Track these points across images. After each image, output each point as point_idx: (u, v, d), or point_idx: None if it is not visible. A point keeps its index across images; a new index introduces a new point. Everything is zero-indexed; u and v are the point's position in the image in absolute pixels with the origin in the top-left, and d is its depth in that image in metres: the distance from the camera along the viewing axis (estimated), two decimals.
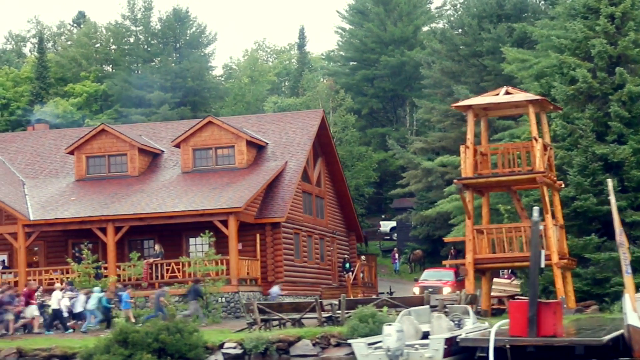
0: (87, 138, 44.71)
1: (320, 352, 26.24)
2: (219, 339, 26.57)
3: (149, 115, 76.06)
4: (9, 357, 26.92)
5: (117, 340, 24.87)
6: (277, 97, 78.87)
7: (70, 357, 26.60)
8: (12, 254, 43.37)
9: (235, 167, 43.53)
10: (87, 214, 40.25)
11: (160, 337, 24.80)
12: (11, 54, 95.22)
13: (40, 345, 27.55)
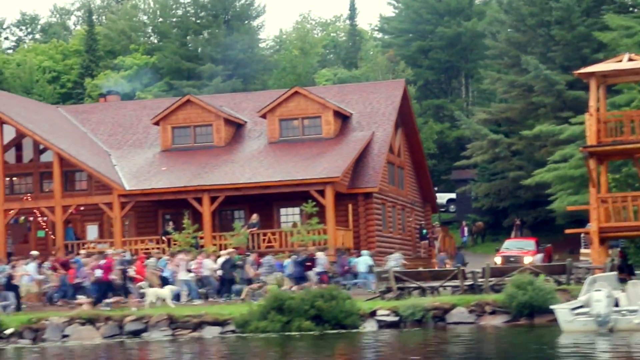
0: (173, 109, 44.71)
1: (476, 320, 26.30)
2: (369, 307, 26.64)
3: (201, 88, 75.91)
4: (160, 323, 27.08)
5: (273, 307, 24.96)
6: (327, 69, 78.62)
7: (221, 324, 26.71)
8: (102, 225, 43.56)
9: (322, 137, 43.51)
10: (182, 184, 40.30)
11: (316, 304, 24.90)
12: (57, 27, 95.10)
13: (190, 312, 27.67)
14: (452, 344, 22.62)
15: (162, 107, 48.22)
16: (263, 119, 45.19)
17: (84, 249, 40.20)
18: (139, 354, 23.96)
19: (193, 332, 26.67)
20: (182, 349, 23.77)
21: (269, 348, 23.29)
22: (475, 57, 72.58)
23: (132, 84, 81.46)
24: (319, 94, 45.73)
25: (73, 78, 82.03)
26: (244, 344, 23.94)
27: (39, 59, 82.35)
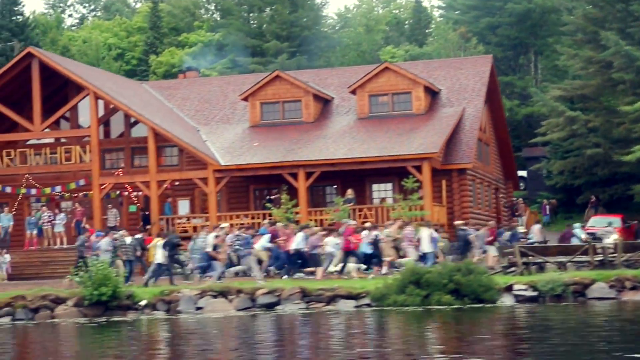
0: (262, 84, 44.72)
1: (617, 295, 26.13)
2: (504, 281, 26.54)
3: (266, 65, 75.93)
4: (292, 296, 27.16)
5: (410, 281, 24.95)
6: (392, 46, 78.26)
7: (355, 297, 26.74)
8: (193, 200, 43.73)
9: (412, 113, 43.36)
10: (276, 159, 40.33)
11: (455, 278, 24.86)
12: (119, 4, 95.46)
13: (323, 285, 27.73)
14: (609, 319, 22.50)
15: (247, 83, 48.38)
16: (350, 95, 45.14)
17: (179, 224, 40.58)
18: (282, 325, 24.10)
19: (327, 305, 26.74)
20: (338, 321, 23.82)
21: (423, 320, 23.33)
22: (544, 34, 71.91)
23: (196, 61, 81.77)
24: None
25: (137, 55, 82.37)
26: (390, 317, 23.95)
27: (104, 36, 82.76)
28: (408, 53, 68.54)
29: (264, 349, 19.06)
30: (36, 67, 41.91)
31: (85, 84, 41.63)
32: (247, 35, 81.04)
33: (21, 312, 27.99)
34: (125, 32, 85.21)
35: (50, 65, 42.07)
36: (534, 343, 17.96)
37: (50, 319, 27.75)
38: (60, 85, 44.69)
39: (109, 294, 27.36)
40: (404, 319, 23.31)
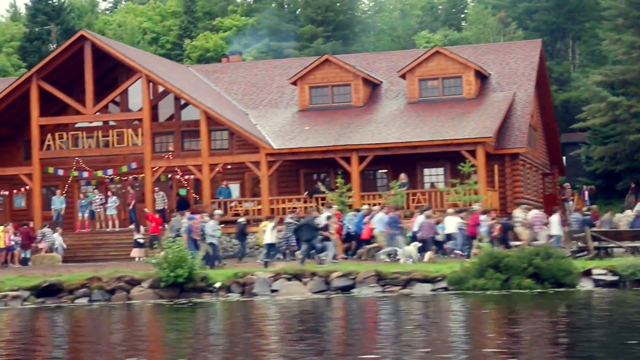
0: (311, 68, 44.67)
1: None
2: (582, 265, 26.50)
3: (302, 49, 75.91)
4: (367, 279, 27.20)
5: (489, 265, 24.95)
6: (427, 31, 78.03)
7: (431, 281, 26.77)
8: (243, 183, 43.78)
9: (463, 97, 43.26)
10: (329, 143, 40.32)
11: (534, 262, 24.83)
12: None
13: (397, 269, 27.76)
14: None
15: (293, 67, 48.39)
16: (398, 79, 45.08)
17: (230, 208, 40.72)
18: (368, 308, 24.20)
19: (403, 289, 26.76)
20: (439, 306, 23.88)
21: (520, 304, 23.34)
22: (582, 19, 71.56)
23: (230, 46, 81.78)
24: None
25: (172, 39, 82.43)
26: (472, 301, 23.97)
27: (139, 21, 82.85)
28: (447, 38, 68.29)
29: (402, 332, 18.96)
30: (88, 50, 41.98)
31: (138, 67, 41.69)
32: (282, 19, 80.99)
33: (98, 294, 28.16)
34: (159, 16, 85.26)
35: (103, 48, 42.13)
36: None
37: (126, 300, 27.90)
38: (109, 68, 44.76)
39: (185, 276, 27.49)
40: (497, 303, 23.31)
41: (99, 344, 19.09)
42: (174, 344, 18.61)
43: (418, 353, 15.60)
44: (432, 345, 16.65)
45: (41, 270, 32.43)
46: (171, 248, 27.73)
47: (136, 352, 17.35)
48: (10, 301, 27.63)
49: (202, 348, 17.62)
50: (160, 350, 17.97)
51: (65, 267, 34.14)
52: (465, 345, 16.62)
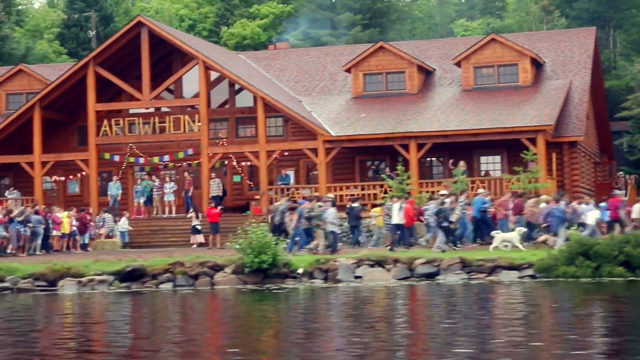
0: (365, 55, 44.53)
1: None
2: None
3: (339, 37, 75.68)
4: (452, 266, 27.13)
5: (579, 252, 24.85)
6: (464, 19, 77.76)
7: (517, 268, 26.69)
8: (298, 171, 43.73)
9: (519, 85, 43.05)
10: (387, 130, 40.23)
11: (625, 250, 24.73)
12: None
13: (482, 256, 27.71)
14: None
15: (344, 54, 48.29)
16: (451, 67, 44.94)
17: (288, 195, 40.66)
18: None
19: (489, 276, 26.67)
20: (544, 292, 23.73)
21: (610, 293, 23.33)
22: (624, 7, 71.06)
23: (267, 33, 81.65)
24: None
25: (208, 27, 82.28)
26: (563, 289, 23.94)
27: (176, 8, 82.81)
28: (489, 26, 67.98)
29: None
30: (145, 36, 41.96)
31: (196, 54, 41.66)
32: (319, 7, 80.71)
33: (182, 279, 28.19)
34: (195, 3, 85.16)
35: (160, 34, 42.13)
36: None
37: (210, 286, 27.92)
38: (164, 55, 44.73)
39: (269, 262, 27.47)
40: (597, 291, 23.29)
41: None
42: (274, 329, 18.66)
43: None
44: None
45: (115, 255, 32.55)
46: (255, 233, 27.69)
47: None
48: (97, 285, 27.72)
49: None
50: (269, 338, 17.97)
51: (134, 253, 34.19)
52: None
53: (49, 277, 28.20)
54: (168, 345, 16.72)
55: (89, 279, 27.70)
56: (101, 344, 17.49)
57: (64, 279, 27.97)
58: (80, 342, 17.61)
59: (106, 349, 16.70)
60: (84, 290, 27.56)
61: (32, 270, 28.50)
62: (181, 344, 16.82)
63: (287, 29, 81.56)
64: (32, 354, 15.97)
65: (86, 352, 16.24)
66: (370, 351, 15.23)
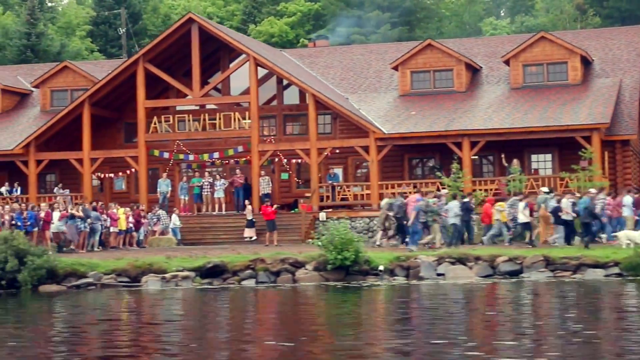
0: (413, 53, 44.40)
1: None
2: None
3: (367, 35, 75.59)
4: (535, 264, 27.02)
5: None
6: (493, 18, 77.62)
7: (602, 266, 26.56)
8: (346, 168, 43.61)
9: (568, 83, 42.91)
10: (440, 128, 40.10)
11: None
12: None
13: (565, 254, 27.57)
14: None
15: (389, 52, 48.23)
16: (498, 65, 44.87)
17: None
18: None
19: (574, 274, 26.54)
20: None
21: None
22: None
23: (294, 31, 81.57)
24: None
25: (235, 24, 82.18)
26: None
27: (203, 5, 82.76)
28: (524, 24, 67.84)
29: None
30: (196, 33, 41.86)
31: (247, 50, 41.59)
32: (347, 5, 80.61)
33: (263, 275, 28.12)
34: (222, 0, 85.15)
35: (212, 31, 42.05)
36: None
37: (292, 283, 27.83)
38: (210, 52, 44.61)
39: (352, 259, 27.38)
40: None
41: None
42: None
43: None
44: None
45: (176, 252, 32.48)
46: (337, 230, 27.59)
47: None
48: (181, 281, 27.65)
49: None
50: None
51: (195, 249, 33.96)
52: None
53: (130, 273, 28.19)
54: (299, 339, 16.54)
55: (172, 275, 27.64)
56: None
57: (145, 275, 27.93)
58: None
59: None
60: (167, 286, 27.51)
61: (113, 266, 28.47)
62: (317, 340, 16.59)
63: (336, 24, 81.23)
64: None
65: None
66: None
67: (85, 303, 25.07)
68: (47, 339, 17.77)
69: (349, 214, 40.51)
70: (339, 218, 39.33)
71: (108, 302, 25.00)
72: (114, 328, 19.45)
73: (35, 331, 19.12)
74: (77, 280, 28.17)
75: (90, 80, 46.16)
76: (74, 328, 19.73)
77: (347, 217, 39.85)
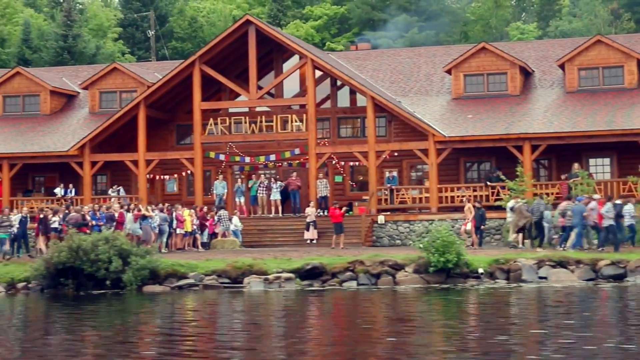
0: (466, 57, 44.26)
1: None
2: None
3: (395, 39, 75.54)
4: (639, 268, 26.91)
5: None
6: (520, 22, 77.57)
7: None
8: (401, 172, 43.44)
9: (624, 87, 42.81)
10: (498, 131, 39.98)
11: None
12: None
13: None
14: None
15: (438, 55, 48.17)
16: (550, 68, 44.83)
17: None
18: None
19: None
20: None
21: None
22: None
23: (320, 34, 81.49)
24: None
25: None
26: None
27: (229, 8, 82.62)
28: (558, 29, 67.82)
29: None
30: (253, 35, 41.71)
31: (305, 52, 41.48)
32: (374, 8, 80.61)
33: (364, 277, 27.95)
34: (246, 3, 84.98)
35: (270, 33, 41.95)
36: None
37: (392, 285, 27.65)
38: (263, 54, 44.42)
39: (454, 261, 27.23)
40: None
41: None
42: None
43: None
44: None
45: (242, 254, 32.35)
46: (439, 232, 27.45)
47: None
48: (284, 283, 27.46)
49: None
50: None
51: (263, 252, 33.73)
52: None
53: (230, 274, 28.03)
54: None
55: (275, 277, 27.45)
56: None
57: (246, 276, 27.76)
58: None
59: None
60: (270, 287, 27.34)
61: (213, 267, 28.29)
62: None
63: (340, 30, 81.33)
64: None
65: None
66: None
67: (232, 303, 24.98)
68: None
69: (407, 217, 40.41)
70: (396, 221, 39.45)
71: (248, 302, 24.86)
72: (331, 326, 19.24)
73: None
74: (178, 281, 28.03)
75: (140, 82, 45.99)
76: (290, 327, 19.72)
77: (406, 220, 39.85)
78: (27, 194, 44.69)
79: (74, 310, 24.49)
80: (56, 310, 24.59)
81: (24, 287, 29.09)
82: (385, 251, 32.14)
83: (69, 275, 28.75)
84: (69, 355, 16.34)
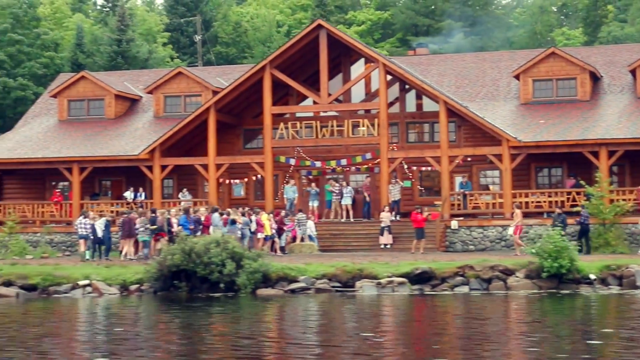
0: (535, 61, 43.97)
1: None
2: None
3: (440, 45, 75.35)
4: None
5: None
6: (566, 27, 77.26)
7: None
8: (471, 177, 43.18)
9: None
10: (571, 137, 39.65)
11: None
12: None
13: None
14: None
15: (503, 59, 47.97)
16: (619, 74, 44.61)
17: None
18: None
19: None
20: None
21: None
22: None
23: (364, 40, 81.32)
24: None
25: None
26: None
27: (272, 13, 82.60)
28: (611, 34, 67.50)
29: None
30: (324, 40, 41.59)
31: (377, 57, 41.35)
32: (418, 14, 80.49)
33: (475, 282, 27.76)
34: (289, 9, 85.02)
35: (341, 37, 41.92)
36: None
37: (504, 290, 27.44)
38: (331, 58, 44.27)
39: (567, 267, 26.98)
40: None
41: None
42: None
43: None
44: None
45: (321, 258, 32.21)
46: (551, 237, 27.21)
47: None
48: (397, 287, 27.29)
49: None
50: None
51: (344, 256, 33.58)
52: None
53: (341, 277, 27.93)
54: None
55: (387, 281, 27.28)
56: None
57: (356, 280, 27.64)
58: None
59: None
60: (383, 292, 27.16)
61: (323, 271, 28.16)
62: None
63: (383, 35, 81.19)
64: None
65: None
66: None
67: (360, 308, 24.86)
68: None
69: (481, 222, 40.18)
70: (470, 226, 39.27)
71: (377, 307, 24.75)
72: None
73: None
74: (288, 285, 27.88)
75: (204, 87, 45.94)
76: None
77: (479, 225, 39.68)
78: (94, 197, 44.65)
79: (206, 313, 24.10)
80: (190, 313, 24.26)
81: (137, 289, 28.97)
82: (462, 257, 31.86)
83: (182, 277, 28.63)
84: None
